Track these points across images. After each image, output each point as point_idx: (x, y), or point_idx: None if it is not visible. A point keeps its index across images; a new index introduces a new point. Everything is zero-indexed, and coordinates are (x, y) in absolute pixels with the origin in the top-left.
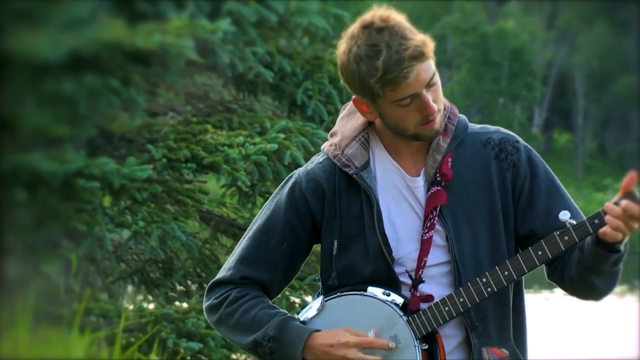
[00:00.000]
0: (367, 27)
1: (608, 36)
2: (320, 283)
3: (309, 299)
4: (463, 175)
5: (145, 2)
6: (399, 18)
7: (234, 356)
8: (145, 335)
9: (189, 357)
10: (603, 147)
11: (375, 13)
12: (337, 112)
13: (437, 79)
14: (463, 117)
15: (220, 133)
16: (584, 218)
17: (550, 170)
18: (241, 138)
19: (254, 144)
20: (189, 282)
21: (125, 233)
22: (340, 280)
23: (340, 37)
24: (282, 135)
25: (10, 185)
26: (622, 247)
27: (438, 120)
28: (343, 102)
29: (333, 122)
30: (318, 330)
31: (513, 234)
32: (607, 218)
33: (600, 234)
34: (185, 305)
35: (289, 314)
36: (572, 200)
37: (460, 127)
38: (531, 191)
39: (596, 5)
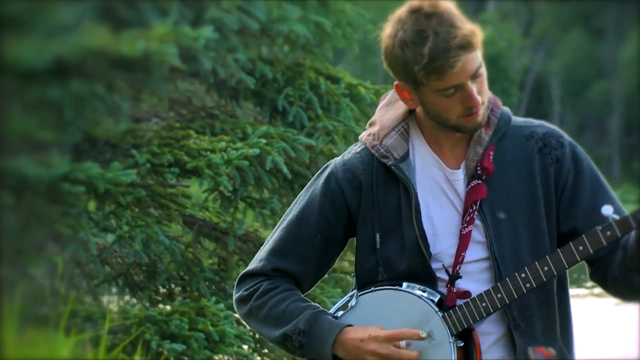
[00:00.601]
0: (416, 11)
1: (584, 43)
2: (354, 279)
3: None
4: (505, 169)
5: (129, 9)
6: (448, 4)
7: (216, 357)
8: (130, 337)
9: (172, 358)
10: None
11: (422, 0)
12: (317, 117)
13: (484, 70)
14: (506, 109)
15: (203, 138)
16: (627, 213)
17: (596, 167)
18: (223, 143)
19: (236, 149)
20: (173, 285)
21: (110, 237)
22: (387, 274)
23: (321, 45)
24: (263, 141)
25: None
26: None
27: (481, 113)
28: (324, 108)
29: (314, 128)
30: (350, 325)
31: (555, 231)
32: None
33: None
34: (168, 307)
35: (321, 308)
36: (616, 198)
37: (503, 119)
38: (575, 187)
39: (572, 12)
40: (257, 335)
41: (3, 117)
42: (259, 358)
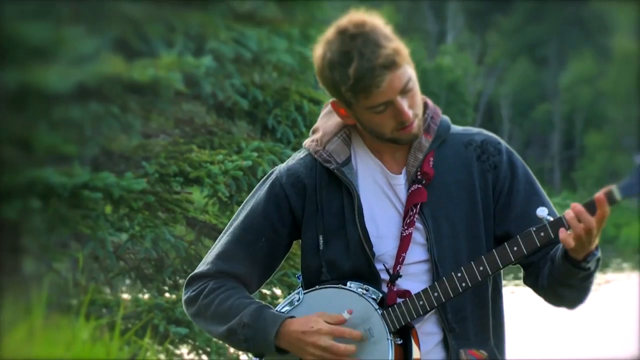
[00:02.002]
0: (342, 32)
1: (529, 70)
2: (300, 280)
3: (278, 291)
4: (444, 174)
5: (140, 41)
6: (375, 22)
7: (214, 339)
8: (140, 322)
9: (177, 340)
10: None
11: (352, 17)
12: (302, 134)
13: (414, 83)
14: (446, 117)
15: (204, 152)
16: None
17: (531, 173)
18: (221, 156)
19: (232, 161)
20: (177, 277)
21: (124, 236)
22: (331, 275)
23: (304, 72)
24: (255, 154)
25: (26, 195)
26: (591, 266)
27: (416, 125)
28: (307, 126)
29: (299, 143)
30: (292, 317)
31: (492, 236)
32: (569, 220)
33: (569, 250)
34: (174, 296)
35: (265, 303)
36: (550, 202)
37: (443, 127)
38: (510, 193)
39: (519, 44)
40: None
41: (32, 134)
42: None
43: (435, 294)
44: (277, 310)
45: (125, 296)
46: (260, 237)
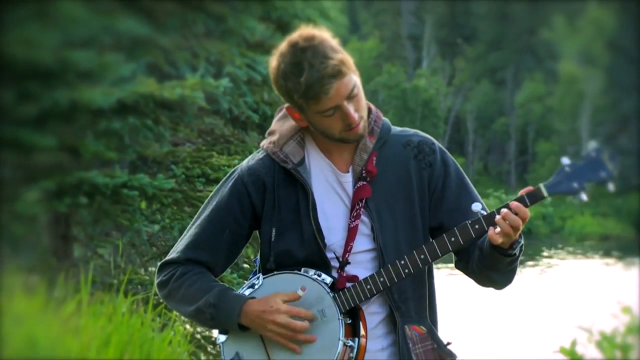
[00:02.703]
0: (293, 45)
1: (490, 91)
2: (257, 265)
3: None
4: (386, 172)
5: (169, 66)
6: (323, 36)
7: None
8: None
9: None
10: (486, 167)
11: (302, 32)
12: None
13: (358, 89)
14: (387, 120)
15: (222, 157)
16: (489, 211)
17: (462, 170)
18: (236, 161)
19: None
20: None
21: (156, 227)
22: (277, 264)
23: None
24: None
25: (76, 193)
26: (516, 252)
27: (362, 126)
28: None
29: None
30: (253, 298)
31: (427, 227)
32: (496, 219)
33: (489, 238)
34: None
35: (229, 286)
36: (479, 197)
37: (384, 129)
38: (443, 188)
39: (482, 68)
40: None
41: (80, 143)
42: None
43: (382, 279)
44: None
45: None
46: (224, 229)
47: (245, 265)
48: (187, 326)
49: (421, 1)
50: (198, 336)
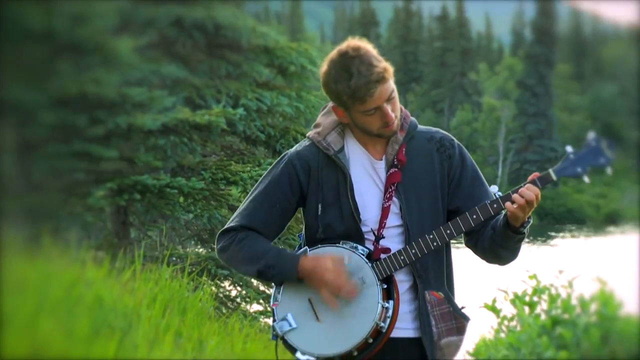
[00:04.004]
0: (343, 54)
1: (432, 117)
2: (301, 240)
3: None
4: (413, 161)
5: (200, 99)
6: (367, 47)
7: (262, 287)
8: (200, 267)
9: (222, 278)
10: None
11: (350, 43)
12: None
13: (395, 94)
14: (414, 119)
15: (238, 165)
16: (500, 195)
17: (476, 165)
18: (248, 168)
19: (255, 171)
20: None
21: (190, 215)
22: (324, 234)
23: (298, 117)
24: (268, 167)
25: (132, 191)
26: (525, 231)
27: (396, 124)
28: None
29: None
30: (306, 255)
31: (446, 209)
32: (514, 196)
33: (509, 217)
34: None
35: (281, 247)
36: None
37: (412, 126)
38: (460, 178)
39: (426, 102)
40: None
41: (134, 154)
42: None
43: (413, 251)
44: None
45: (191, 251)
46: (275, 203)
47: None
48: (213, 288)
49: (382, 51)
50: (221, 295)
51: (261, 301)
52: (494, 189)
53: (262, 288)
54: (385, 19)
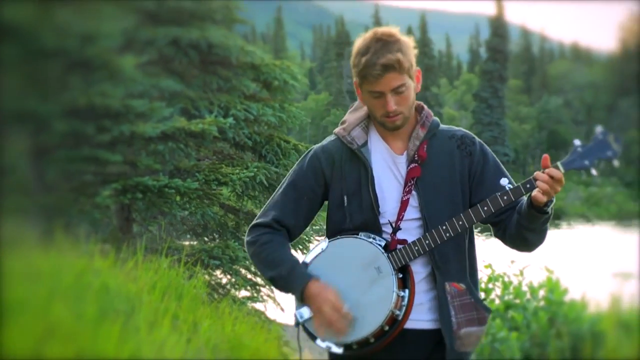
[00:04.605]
0: (374, 33)
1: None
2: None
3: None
4: (434, 158)
5: (195, 110)
6: (401, 39)
7: (235, 266)
8: (194, 258)
9: (214, 267)
10: None
11: (387, 28)
12: (280, 160)
13: (407, 90)
14: (436, 118)
15: (228, 168)
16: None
17: (499, 160)
18: (237, 170)
19: (243, 173)
20: (215, 234)
21: (186, 212)
22: (353, 223)
23: (281, 126)
24: (255, 169)
25: (134, 191)
26: (549, 210)
27: (400, 119)
28: (284, 156)
29: (280, 164)
30: (315, 279)
31: (468, 204)
32: (538, 183)
33: (533, 199)
34: (212, 244)
35: (298, 260)
36: (510, 177)
37: (434, 124)
38: (482, 172)
39: None
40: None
41: (136, 159)
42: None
43: (427, 242)
44: (305, 262)
45: (186, 244)
46: (303, 196)
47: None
48: (206, 276)
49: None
50: (212, 282)
51: (248, 288)
52: (504, 181)
53: (249, 276)
54: None
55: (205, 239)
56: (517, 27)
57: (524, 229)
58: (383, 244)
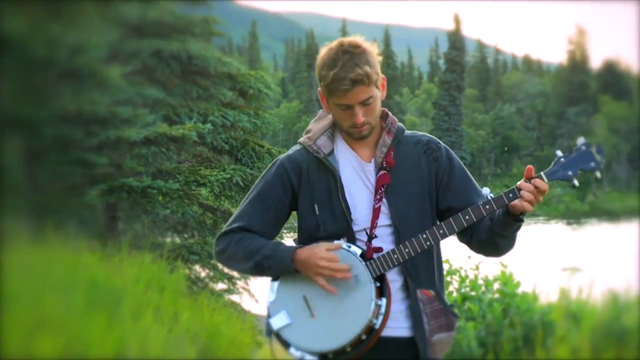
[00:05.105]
0: (340, 45)
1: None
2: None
3: None
4: (401, 164)
5: (176, 117)
6: (368, 50)
7: (213, 261)
8: (175, 253)
9: (193, 262)
10: None
11: (353, 39)
12: (254, 163)
13: (374, 101)
14: (401, 124)
15: (207, 170)
16: (495, 195)
17: (464, 165)
18: (215, 172)
19: (220, 175)
20: (194, 232)
21: (168, 211)
22: (325, 232)
23: (255, 131)
24: (232, 172)
25: (120, 191)
26: (524, 218)
27: (367, 128)
28: (258, 159)
29: (254, 167)
30: (302, 247)
31: (435, 208)
32: (522, 193)
33: (511, 207)
34: (192, 240)
35: (278, 241)
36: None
37: (399, 130)
38: (449, 178)
39: None
40: None
41: (122, 161)
42: None
43: (407, 250)
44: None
45: (168, 240)
46: (270, 206)
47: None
48: (186, 270)
49: None
50: (192, 276)
51: (225, 281)
52: (485, 190)
53: (226, 270)
54: None
55: (185, 235)
56: (474, 40)
57: (496, 235)
58: (359, 252)
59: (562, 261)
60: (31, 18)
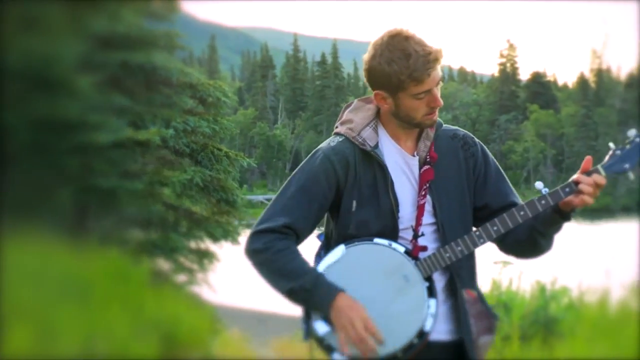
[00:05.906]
0: (395, 36)
1: (314, 137)
2: (321, 239)
3: None
4: (441, 158)
5: (141, 122)
6: (412, 32)
7: (192, 243)
8: (140, 248)
9: (157, 256)
10: None
11: (393, 29)
12: (213, 165)
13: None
14: (438, 118)
15: (169, 172)
16: (545, 190)
17: (497, 162)
18: (177, 173)
19: (182, 176)
20: (158, 228)
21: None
22: (357, 230)
23: (215, 137)
24: (192, 173)
25: (89, 192)
26: (572, 215)
27: (436, 113)
28: (217, 161)
29: (213, 168)
30: (343, 291)
31: (472, 205)
32: (581, 186)
33: (564, 203)
34: (155, 236)
35: (320, 272)
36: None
37: (438, 123)
38: (485, 175)
39: (310, 125)
40: None
41: (91, 165)
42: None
43: (459, 248)
44: (320, 268)
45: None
46: (314, 201)
47: None
48: (150, 264)
49: (277, 87)
50: (156, 269)
51: (186, 273)
52: (539, 185)
53: (187, 264)
54: (279, 63)
55: (150, 231)
56: None
57: (538, 234)
58: (403, 250)
59: (494, 255)
60: (5, 31)
